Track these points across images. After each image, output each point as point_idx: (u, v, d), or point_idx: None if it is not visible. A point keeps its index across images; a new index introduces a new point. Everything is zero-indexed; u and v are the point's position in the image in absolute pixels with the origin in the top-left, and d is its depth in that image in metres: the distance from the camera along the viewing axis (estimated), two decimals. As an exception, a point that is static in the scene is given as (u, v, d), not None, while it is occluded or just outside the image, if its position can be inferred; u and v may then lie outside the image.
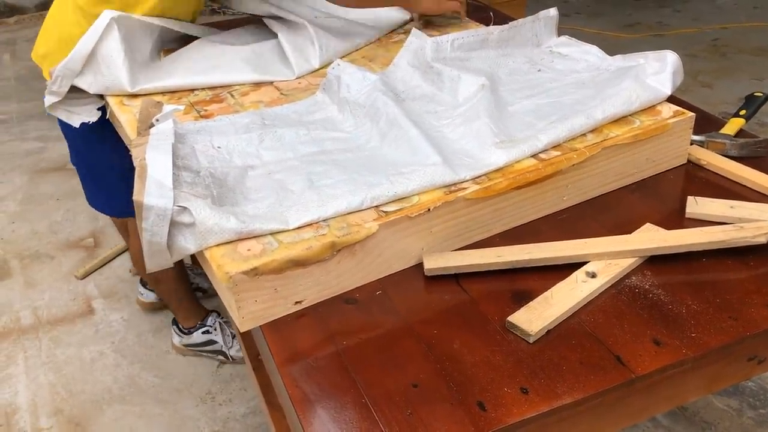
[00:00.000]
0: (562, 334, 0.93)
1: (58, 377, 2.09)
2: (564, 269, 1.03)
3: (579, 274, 1.01)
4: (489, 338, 0.93)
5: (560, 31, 1.57)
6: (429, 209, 1.03)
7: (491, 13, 1.99)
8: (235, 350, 2.10)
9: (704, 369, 0.96)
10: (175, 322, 2.12)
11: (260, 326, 0.98)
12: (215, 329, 2.11)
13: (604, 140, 1.18)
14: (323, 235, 0.99)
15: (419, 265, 1.05)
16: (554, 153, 1.15)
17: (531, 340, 0.92)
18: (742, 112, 1.43)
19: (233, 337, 2.11)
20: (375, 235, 1.00)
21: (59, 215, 2.87)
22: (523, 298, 0.98)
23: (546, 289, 0.99)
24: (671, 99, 1.29)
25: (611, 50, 1.49)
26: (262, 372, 1.62)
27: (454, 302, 1.00)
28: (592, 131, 1.20)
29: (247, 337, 1.66)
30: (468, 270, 1.04)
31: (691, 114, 1.25)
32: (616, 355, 0.89)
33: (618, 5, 5.14)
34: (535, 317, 0.94)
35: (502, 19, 1.98)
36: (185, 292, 2.07)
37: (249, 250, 0.96)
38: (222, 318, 2.14)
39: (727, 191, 1.21)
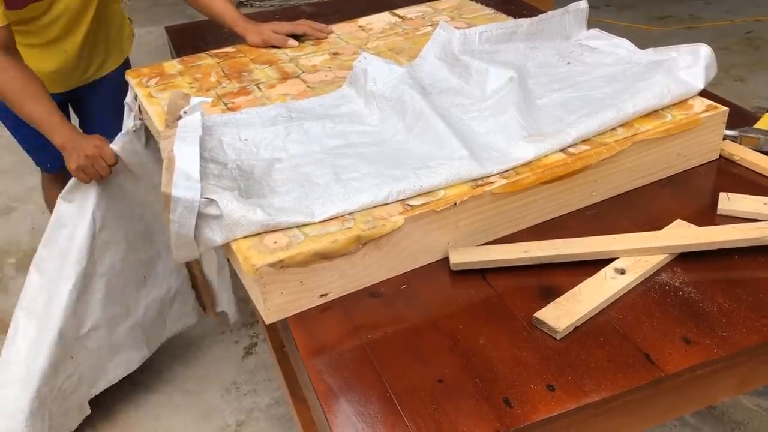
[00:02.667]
0: (590, 331, 0.92)
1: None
2: (592, 265, 1.01)
3: (608, 271, 1.00)
4: (515, 334, 0.92)
5: (590, 24, 1.55)
6: (455, 203, 1.03)
7: None
8: None
9: (735, 369, 0.95)
10: None
11: (286, 319, 0.98)
12: None
13: (635, 134, 1.16)
14: (349, 228, 0.98)
15: (445, 260, 1.05)
16: (583, 147, 1.13)
17: (558, 337, 0.91)
18: (777, 107, 1.40)
19: None
20: (401, 228, 1.00)
21: (88, 205, 2.91)
22: (550, 294, 0.97)
23: (574, 286, 0.98)
24: (703, 93, 1.27)
25: (641, 43, 1.47)
26: (286, 363, 1.62)
27: (480, 297, 0.99)
28: (622, 125, 1.18)
29: (272, 329, 1.66)
30: (494, 265, 1.03)
31: (724, 108, 1.22)
32: (645, 353, 0.88)
33: (649, -3, 5.06)
34: (563, 314, 0.93)
35: (531, 12, 1.96)
36: None
37: (275, 242, 0.97)
38: None
39: (761, 187, 1.18)
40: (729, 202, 1.12)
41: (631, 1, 5.01)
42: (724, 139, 1.29)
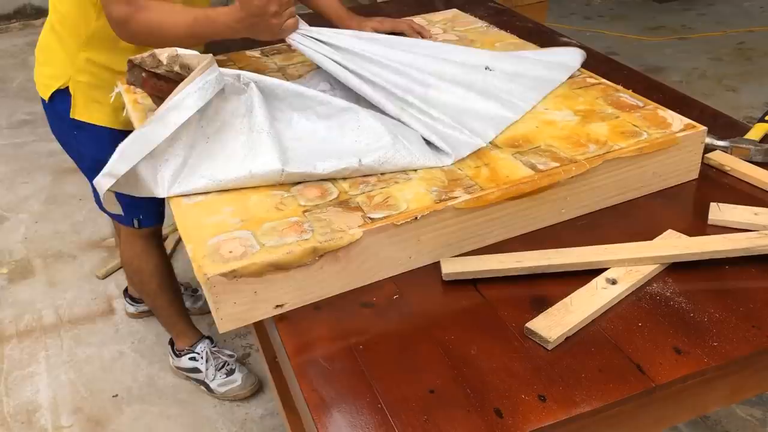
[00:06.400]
0: (582, 341, 0.92)
1: (79, 376, 2.11)
2: (584, 275, 1.02)
3: (599, 281, 1.00)
4: (507, 344, 0.92)
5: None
6: (416, 217, 1.02)
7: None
8: (218, 383, 1.99)
9: (727, 379, 0.95)
10: (171, 342, 2.07)
11: (277, 329, 0.98)
12: (202, 358, 2.00)
13: (607, 152, 1.14)
14: (306, 240, 0.98)
15: (437, 270, 1.05)
16: (552, 164, 1.12)
17: (549, 347, 0.91)
18: (768, 117, 1.41)
19: (220, 368, 2.00)
20: (359, 241, 0.99)
21: (81, 215, 2.90)
22: (542, 304, 0.97)
23: (565, 296, 0.98)
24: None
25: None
26: (279, 374, 1.62)
27: (472, 307, 0.99)
28: (595, 143, 1.17)
29: (264, 339, 1.66)
30: (486, 275, 1.03)
31: (703, 128, 1.21)
32: (637, 364, 0.88)
33: (641, 8, 5.09)
34: (554, 324, 0.93)
35: (523, 22, 1.97)
36: (178, 315, 2.00)
37: (231, 252, 0.96)
38: (215, 346, 2.05)
39: (752, 198, 1.19)
40: (720, 212, 1.12)
41: (623, 11, 5.04)
42: (715, 149, 1.30)
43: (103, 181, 1.07)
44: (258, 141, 1.11)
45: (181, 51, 1.15)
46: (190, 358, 2.01)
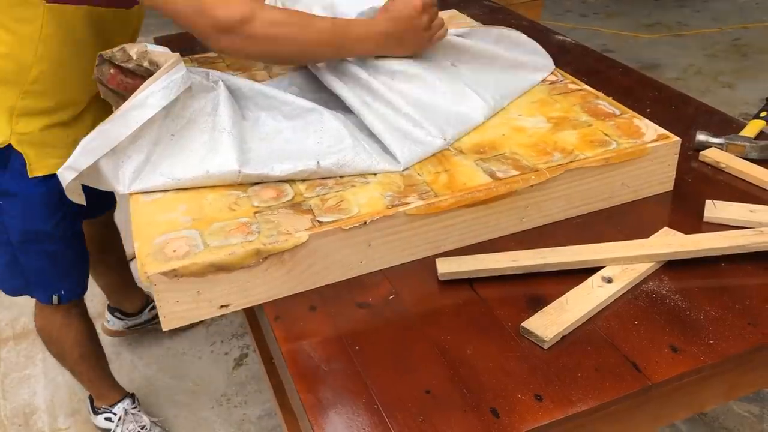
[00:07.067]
0: (578, 340, 0.92)
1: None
2: (580, 274, 1.01)
3: (595, 279, 1.00)
4: (503, 344, 0.92)
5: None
6: (365, 222, 1.01)
7: None
8: None
9: (723, 376, 0.95)
10: (91, 396, 1.90)
11: (273, 330, 0.98)
12: (119, 419, 1.84)
13: (570, 162, 1.11)
14: (250, 241, 0.98)
15: (433, 270, 1.04)
16: (513, 172, 1.09)
17: (546, 346, 0.91)
18: (763, 114, 1.41)
19: None
20: (305, 244, 0.98)
21: (78, 217, 2.90)
22: (537, 303, 0.97)
23: (561, 295, 0.98)
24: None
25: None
26: (275, 375, 1.61)
27: (468, 307, 0.99)
28: (561, 151, 1.14)
29: (260, 340, 1.66)
30: (482, 274, 1.03)
31: (676, 139, 1.17)
32: (633, 362, 0.88)
33: (637, 5, 5.10)
34: (550, 323, 0.93)
35: (519, 20, 1.97)
36: (100, 378, 1.83)
37: (175, 251, 0.96)
38: (136, 407, 1.87)
39: (747, 195, 1.19)
40: (715, 209, 1.12)
41: (619, 9, 5.05)
42: (711, 146, 1.30)
43: (66, 174, 1.06)
44: (219, 140, 1.11)
45: (150, 47, 1.13)
46: (106, 418, 1.86)
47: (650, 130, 1.19)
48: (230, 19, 1.07)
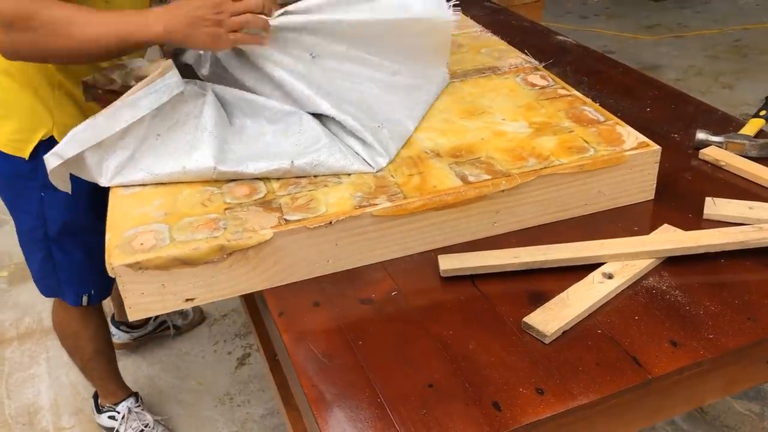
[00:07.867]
0: (578, 335, 0.93)
1: (80, 377, 2.11)
2: (580, 270, 1.02)
3: (596, 275, 1.01)
4: (505, 339, 0.93)
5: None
6: (331, 222, 1.02)
7: None
8: None
9: (722, 371, 0.96)
10: (95, 395, 1.92)
11: (277, 327, 0.99)
12: (123, 418, 1.85)
13: (543, 168, 1.10)
14: (215, 237, 0.99)
15: (435, 266, 1.05)
16: (484, 176, 1.09)
17: (547, 341, 0.92)
18: (762, 113, 1.42)
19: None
20: (270, 242, 1.00)
21: (81, 218, 2.91)
22: (539, 298, 0.98)
23: (562, 290, 0.99)
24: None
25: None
26: (279, 373, 1.62)
27: (470, 303, 1.00)
28: (537, 157, 1.13)
29: (264, 339, 1.66)
30: (484, 271, 1.04)
31: (656, 147, 1.15)
32: (633, 356, 0.89)
33: (637, 7, 5.10)
34: (551, 318, 0.94)
35: (519, 21, 1.98)
36: (109, 377, 1.85)
37: (142, 244, 0.98)
38: (140, 405, 1.89)
39: (746, 192, 1.20)
40: (715, 206, 1.13)
41: (620, 10, 5.06)
42: (710, 144, 1.31)
43: (51, 159, 1.08)
44: (199, 139, 1.13)
45: (130, 64, 1.16)
46: (110, 417, 1.88)
47: (631, 137, 1.17)
48: (8, 13, 1.04)
